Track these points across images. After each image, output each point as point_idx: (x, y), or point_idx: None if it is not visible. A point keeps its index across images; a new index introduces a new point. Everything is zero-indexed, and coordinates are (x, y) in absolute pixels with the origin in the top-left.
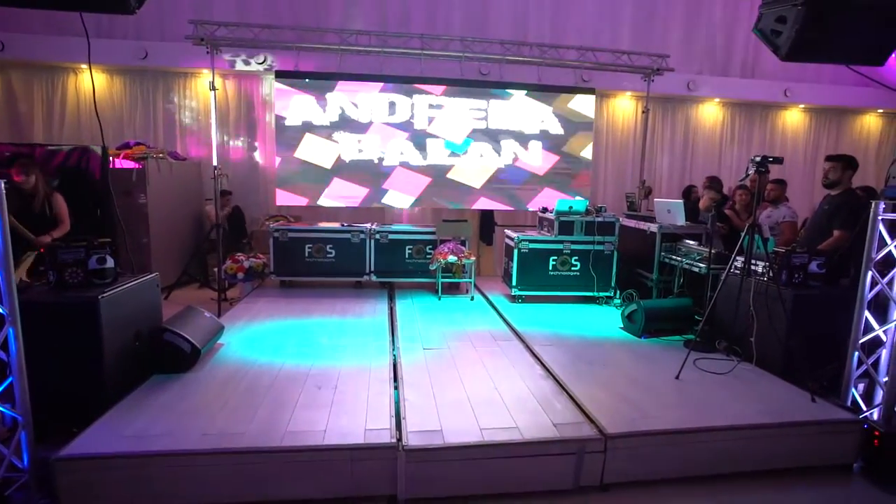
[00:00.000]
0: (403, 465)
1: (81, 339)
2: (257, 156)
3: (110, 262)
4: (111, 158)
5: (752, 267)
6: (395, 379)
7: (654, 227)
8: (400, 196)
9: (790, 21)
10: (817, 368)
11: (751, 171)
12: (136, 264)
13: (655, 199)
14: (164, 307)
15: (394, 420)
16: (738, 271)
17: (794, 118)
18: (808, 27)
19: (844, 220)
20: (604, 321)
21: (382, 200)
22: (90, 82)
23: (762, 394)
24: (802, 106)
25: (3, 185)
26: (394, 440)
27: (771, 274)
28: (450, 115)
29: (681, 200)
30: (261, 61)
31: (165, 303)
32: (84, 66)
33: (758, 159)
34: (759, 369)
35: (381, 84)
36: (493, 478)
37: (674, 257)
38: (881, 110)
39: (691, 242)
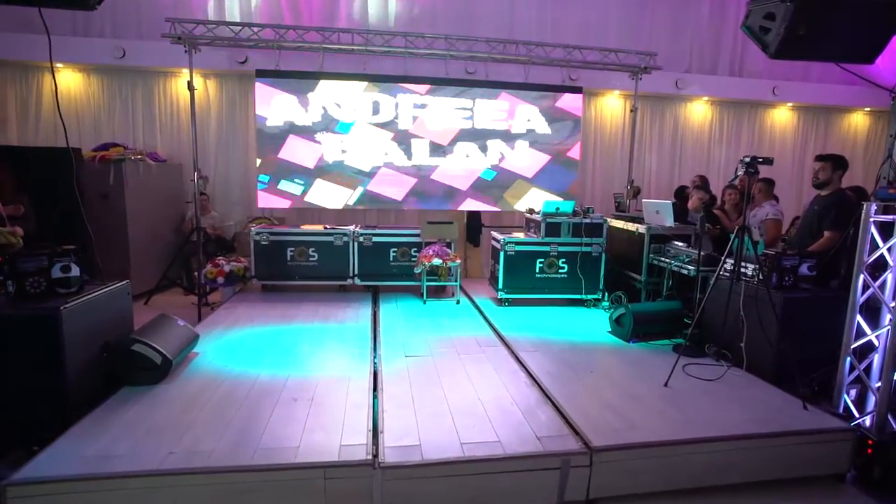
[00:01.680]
0: (380, 483)
1: (42, 352)
2: (239, 157)
3: (75, 271)
4: (86, 160)
5: (742, 269)
6: (375, 389)
7: (642, 229)
8: (384, 197)
9: (779, 18)
10: (808, 373)
11: (740, 172)
12: (116, 269)
13: (644, 200)
14: (145, 312)
15: (370, 435)
16: (727, 274)
17: (782, 117)
18: (797, 24)
19: (834, 220)
20: (591, 325)
21: (366, 202)
22: (67, 82)
23: (753, 401)
24: (790, 104)
25: None
26: (370, 456)
27: (761, 276)
28: (435, 115)
29: (669, 201)
30: (241, 61)
31: (146, 308)
32: (59, 65)
33: (747, 160)
34: (749, 375)
35: (365, 83)
36: (473, 495)
37: (662, 259)
38: (868, 108)
39: (680, 244)
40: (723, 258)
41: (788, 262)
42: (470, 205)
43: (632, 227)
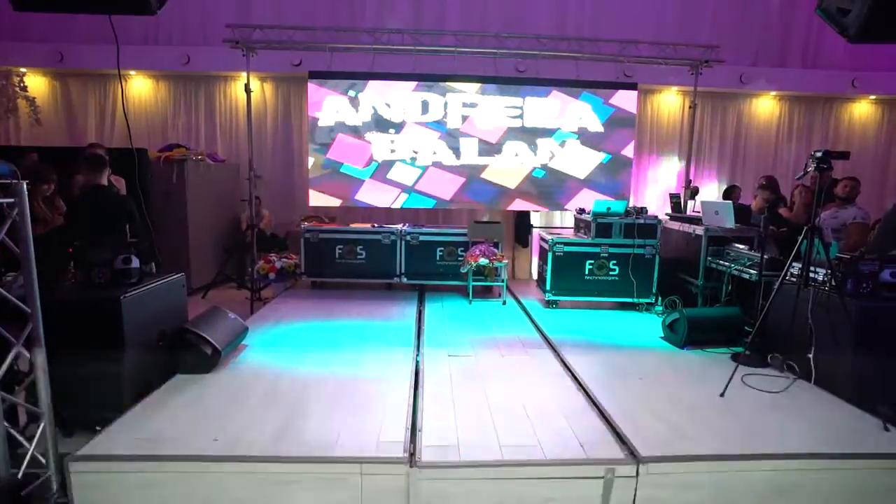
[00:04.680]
0: (415, 481)
1: (104, 338)
2: (292, 157)
3: (135, 262)
4: (152, 160)
5: (812, 274)
6: (416, 387)
7: (699, 230)
8: (433, 197)
9: None
10: (891, 390)
11: (810, 168)
12: (176, 264)
13: (702, 200)
14: (201, 306)
15: (409, 432)
16: (794, 279)
17: (863, 111)
18: (884, 1)
19: None
20: (643, 329)
21: (415, 201)
22: (138, 88)
23: (822, 418)
24: (873, 97)
25: (25, 186)
26: (407, 454)
27: (833, 282)
28: (484, 114)
29: (729, 201)
30: (296, 63)
31: (202, 301)
32: (133, 72)
33: (819, 154)
34: (818, 389)
35: (414, 83)
36: (511, 499)
37: (721, 262)
38: None
39: (741, 246)
40: (789, 261)
41: (867, 267)
42: (519, 205)
43: (688, 228)
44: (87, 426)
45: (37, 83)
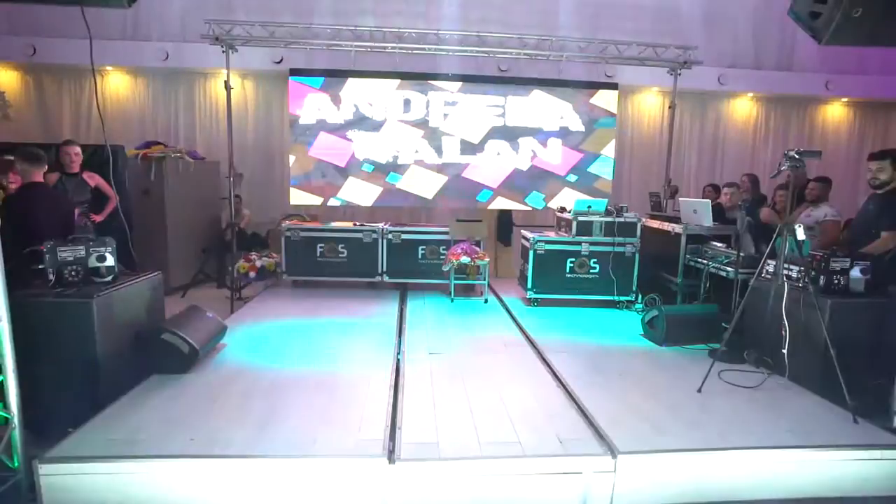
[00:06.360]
0: (394, 480)
1: (76, 338)
2: (273, 155)
3: (110, 261)
4: (129, 157)
5: (786, 271)
6: (397, 386)
7: (678, 228)
8: (415, 195)
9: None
10: (860, 384)
11: (784, 167)
12: (154, 263)
13: (681, 199)
14: (180, 306)
15: (388, 430)
16: (769, 276)
17: (836, 113)
18: (853, 5)
19: (894, 219)
20: (623, 327)
21: (397, 199)
22: (116, 84)
23: (795, 412)
24: (846, 99)
25: None
26: (385, 452)
27: (807, 279)
28: (466, 113)
29: (708, 200)
30: (277, 60)
31: (181, 301)
32: (109, 68)
33: (791, 153)
34: (792, 384)
35: (397, 81)
36: (490, 497)
37: (700, 260)
38: None
39: (719, 244)
40: (763, 258)
41: (838, 263)
42: (500, 203)
43: (668, 226)
44: (59, 428)
45: (8, 77)
